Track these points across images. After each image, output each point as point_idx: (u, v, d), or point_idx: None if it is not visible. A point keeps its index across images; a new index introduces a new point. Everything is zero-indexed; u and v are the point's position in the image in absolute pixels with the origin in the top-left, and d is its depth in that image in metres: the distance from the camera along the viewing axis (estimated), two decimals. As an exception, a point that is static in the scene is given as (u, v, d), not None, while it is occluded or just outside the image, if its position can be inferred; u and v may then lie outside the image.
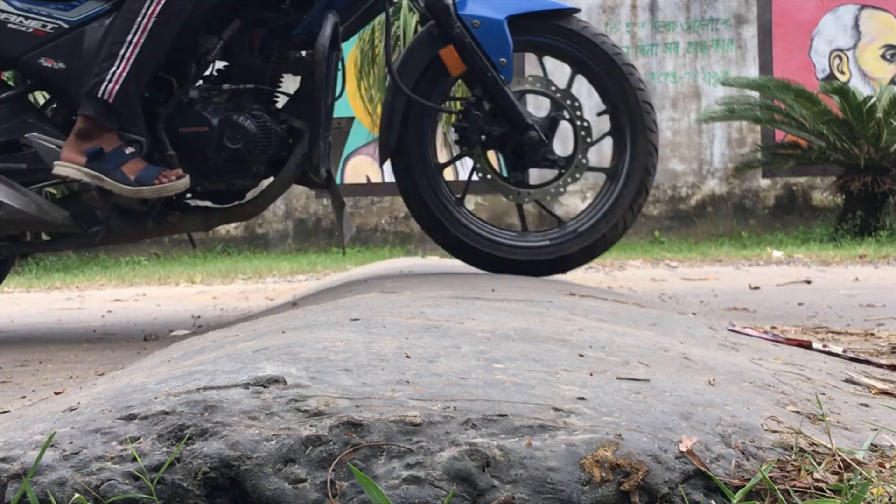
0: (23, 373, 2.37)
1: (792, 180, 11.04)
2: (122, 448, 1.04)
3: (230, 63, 3.09)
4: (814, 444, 1.10)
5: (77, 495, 1.00)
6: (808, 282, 5.02)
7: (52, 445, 1.05)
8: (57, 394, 1.69)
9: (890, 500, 0.98)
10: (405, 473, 1.00)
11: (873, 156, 9.38)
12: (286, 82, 3.20)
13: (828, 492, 1.00)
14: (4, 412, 1.46)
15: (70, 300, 5.70)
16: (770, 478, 1.01)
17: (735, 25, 11.15)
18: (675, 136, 11.09)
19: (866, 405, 1.40)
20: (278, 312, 2.31)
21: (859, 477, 1.02)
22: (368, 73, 8.65)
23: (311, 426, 1.04)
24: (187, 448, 1.03)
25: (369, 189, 11.19)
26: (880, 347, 2.19)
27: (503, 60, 3.09)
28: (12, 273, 8.16)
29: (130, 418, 1.08)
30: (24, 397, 1.89)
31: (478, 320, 1.64)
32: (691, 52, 11.18)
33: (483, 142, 3.15)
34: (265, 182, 3.17)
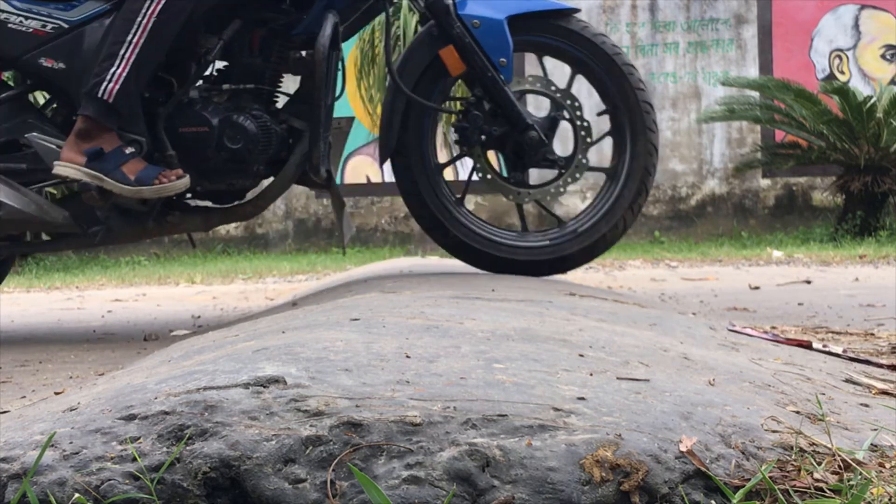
0: (23, 373, 2.37)
1: (792, 180, 11.04)
2: (122, 448, 1.04)
3: (230, 63, 3.09)
4: (814, 444, 1.10)
5: (77, 495, 1.00)
6: (808, 282, 5.02)
7: (52, 445, 1.05)
8: (57, 394, 1.69)
9: (890, 500, 0.98)
10: (405, 473, 1.00)
11: (873, 156, 9.38)
12: (286, 82, 3.20)
13: (828, 492, 1.00)
14: (4, 412, 1.46)
15: (70, 300, 5.70)
16: (770, 478, 1.01)
17: (735, 25, 11.15)
18: (675, 136, 11.09)
19: (866, 405, 1.40)
20: (278, 312, 2.31)
21: (859, 477, 1.02)
22: (368, 73, 8.65)
23: (311, 426, 1.04)
24: (187, 448, 1.03)
25: (369, 189, 11.19)
26: (880, 347, 2.19)
27: (503, 60, 3.09)
28: (12, 273, 8.16)
29: (130, 418, 1.08)
30: (24, 397, 1.89)
31: (478, 320, 1.64)
32: (691, 52, 11.18)
33: (483, 142, 3.15)
34: (265, 182, 3.18)
